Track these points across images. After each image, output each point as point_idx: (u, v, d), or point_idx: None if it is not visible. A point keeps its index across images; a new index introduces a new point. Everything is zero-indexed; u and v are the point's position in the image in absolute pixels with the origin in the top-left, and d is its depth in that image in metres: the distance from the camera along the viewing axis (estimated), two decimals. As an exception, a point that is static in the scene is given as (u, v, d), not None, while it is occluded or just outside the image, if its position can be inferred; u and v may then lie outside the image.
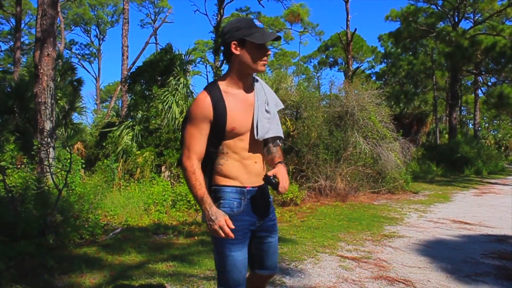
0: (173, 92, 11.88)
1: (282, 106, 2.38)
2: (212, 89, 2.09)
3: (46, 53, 8.88)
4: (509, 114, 29.80)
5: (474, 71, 27.63)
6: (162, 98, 11.66)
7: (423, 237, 6.11)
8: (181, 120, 11.42)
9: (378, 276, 4.20)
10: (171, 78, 12.75)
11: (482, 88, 33.72)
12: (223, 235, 1.97)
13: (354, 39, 46.29)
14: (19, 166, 8.64)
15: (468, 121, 57.03)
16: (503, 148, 48.64)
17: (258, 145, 2.20)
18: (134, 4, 43.93)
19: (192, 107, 2.08)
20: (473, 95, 37.94)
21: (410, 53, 38.37)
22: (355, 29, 24.24)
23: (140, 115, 12.60)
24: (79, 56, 48.61)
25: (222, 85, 2.11)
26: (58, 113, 13.70)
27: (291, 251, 5.10)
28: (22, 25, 45.06)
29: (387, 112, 12.19)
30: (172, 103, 11.56)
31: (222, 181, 2.12)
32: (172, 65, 13.09)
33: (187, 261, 4.53)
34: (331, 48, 48.00)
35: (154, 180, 9.80)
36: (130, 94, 14.15)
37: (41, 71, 8.87)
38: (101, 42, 48.36)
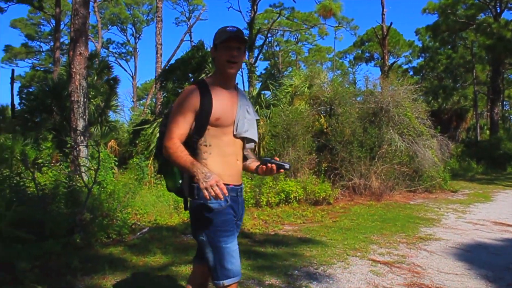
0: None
1: (258, 117, 2.56)
2: (200, 82, 2.28)
3: (79, 52, 9.00)
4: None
5: (518, 64, 26.43)
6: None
7: (462, 240, 5.80)
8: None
9: (411, 283, 3.97)
10: (203, 75, 12.73)
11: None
12: (214, 193, 1.95)
13: (390, 34, 45.28)
14: (53, 164, 8.77)
15: (511, 116, 54.78)
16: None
17: (239, 144, 2.32)
18: (169, 2, 44.53)
19: (180, 97, 2.22)
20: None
21: (449, 46, 37.13)
22: (391, 23, 23.56)
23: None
24: (116, 55, 49.54)
25: (209, 81, 2.29)
26: (94, 111, 13.99)
27: (320, 254, 4.92)
28: (62, 25, 46.39)
29: (424, 108, 11.76)
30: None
31: None
32: (204, 62, 13.06)
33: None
34: (367, 43, 46.93)
35: None
36: (163, 92, 14.21)
37: (74, 70, 9.00)
38: (137, 40, 49.13)
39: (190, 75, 13.64)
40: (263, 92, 13.53)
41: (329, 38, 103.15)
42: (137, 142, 12.91)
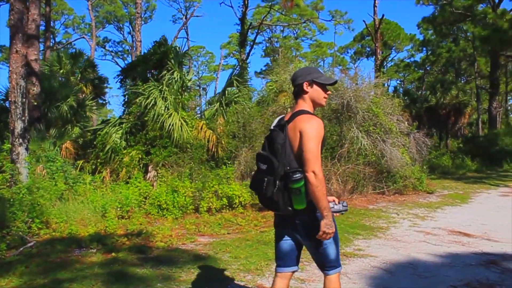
0: (160, 87, 11.09)
1: None
2: (314, 114, 2.62)
3: (15, 50, 8.38)
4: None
5: (518, 56, 25.32)
6: (146, 93, 10.90)
7: (393, 257, 4.98)
8: (167, 116, 10.67)
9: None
10: (164, 72, 12.00)
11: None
12: (329, 237, 2.47)
13: (391, 27, 44.50)
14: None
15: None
16: (555, 139, 45.02)
17: None
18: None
19: (318, 127, 2.50)
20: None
21: (451, 39, 36.01)
22: (383, 15, 22.79)
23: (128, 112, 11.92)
24: (113, 53, 49.10)
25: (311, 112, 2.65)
26: (67, 111, 13.36)
27: (201, 277, 4.15)
28: (58, 25, 46.03)
29: (397, 103, 10.89)
30: (156, 98, 10.78)
31: None
32: (166, 58, 12.31)
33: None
34: (367, 37, 45.81)
35: (137, 180, 9.03)
36: (123, 90, 13.50)
37: (10, 69, 8.39)
38: (134, 38, 48.59)
39: (153, 72, 12.94)
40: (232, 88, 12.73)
41: (330, 33, 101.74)
42: (95, 143, 12.24)
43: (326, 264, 2.62)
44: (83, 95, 16.21)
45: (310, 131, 2.48)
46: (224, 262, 4.69)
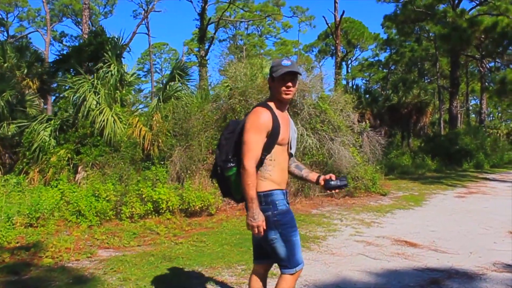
0: (92, 80, 10.06)
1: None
2: (267, 106, 2.56)
3: None
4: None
5: (477, 56, 25.22)
6: (76, 87, 9.85)
7: (319, 277, 4.16)
8: (98, 112, 9.66)
9: None
10: (100, 64, 10.96)
11: (489, 74, 31.16)
12: (256, 232, 2.42)
13: (355, 26, 44.33)
14: None
15: (483, 111, 53.99)
16: (514, 138, 45.65)
17: (288, 157, 2.72)
18: (125, -6, 42.12)
19: (257, 119, 2.49)
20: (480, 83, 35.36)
21: (414, 39, 35.94)
22: (343, 12, 22.19)
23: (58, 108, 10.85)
24: (71, 48, 47.10)
25: (271, 105, 2.58)
26: (3, 107, 12.17)
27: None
28: (11, 17, 43.88)
29: (347, 98, 10.18)
30: (86, 92, 9.74)
31: (272, 186, 2.54)
32: (101, 49, 11.27)
33: None
34: (331, 36, 45.43)
35: (61, 182, 8.01)
36: (55, 84, 12.37)
37: None
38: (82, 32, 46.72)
39: (88, 64, 11.86)
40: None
41: (294, 32, 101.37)
42: (23, 141, 11.10)
43: (278, 261, 2.59)
44: (29, 91, 15.12)
45: (249, 123, 2.49)
46: (107, 286, 3.78)
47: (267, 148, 2.52)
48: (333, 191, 2.68)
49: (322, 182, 2.75)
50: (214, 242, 5.40)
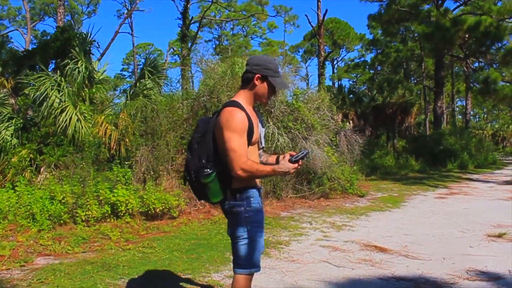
0: (55, 77, 9.56)
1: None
2: (240, 106, 2.43)
3: None
4: (498, 101, 27.11)
5: (461, 55, 25.06)
6: (37, 84, 9.33)
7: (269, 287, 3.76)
8: (59, 111, 9.17)
9: None
10: (67, 60, 10.44)
11: (473, 74, 31.06)
12: (296, 166, 2.36)
13: (341, 26, 44.07)
14: None
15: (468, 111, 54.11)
16: (499, 139, 45.80)
17: (259, 155, 2.67)
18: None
19: (235, 121, 2.36)
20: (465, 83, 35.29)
21: (400, 40, 35.79)
22: (326, 10, 21.90)
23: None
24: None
25: (243, 104, 2.48)
26: None
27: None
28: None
29: (327, 96, 9.80)
30: (48, 89, 9.23)
31: (246, 183, 2.45)
32: (68, 45, 10.75)
33: None
34: (316, 36, 45.10)
35: (21, 184, 7.52)
36: (15, 82, 11.79)
37: None
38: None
39: (56, 61, 11.33)
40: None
41: (280, 32, 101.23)
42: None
43: (236, 260, 2.51)
44: (3, 90, 14.59)
45: (228, 127, 2.37)
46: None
47: None
48: (299, 164, 2.41)
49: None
50: (164, 248, 4.94)
